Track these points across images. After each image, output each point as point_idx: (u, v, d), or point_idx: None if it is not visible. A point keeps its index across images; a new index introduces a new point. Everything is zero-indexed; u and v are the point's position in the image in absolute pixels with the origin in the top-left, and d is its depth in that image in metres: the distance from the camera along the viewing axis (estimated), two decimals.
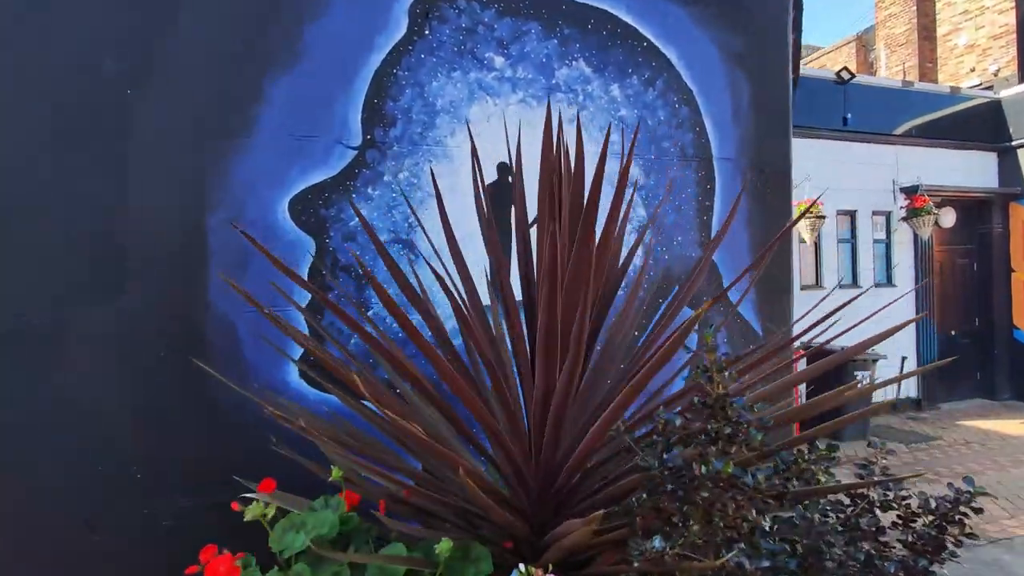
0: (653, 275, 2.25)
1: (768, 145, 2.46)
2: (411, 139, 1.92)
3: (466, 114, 1.99)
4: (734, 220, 2.17)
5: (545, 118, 1.31)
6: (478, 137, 1.95)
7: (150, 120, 1.64)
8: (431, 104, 1.95)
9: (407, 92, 1.92)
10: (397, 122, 1.91)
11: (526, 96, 2.07)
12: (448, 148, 1.96)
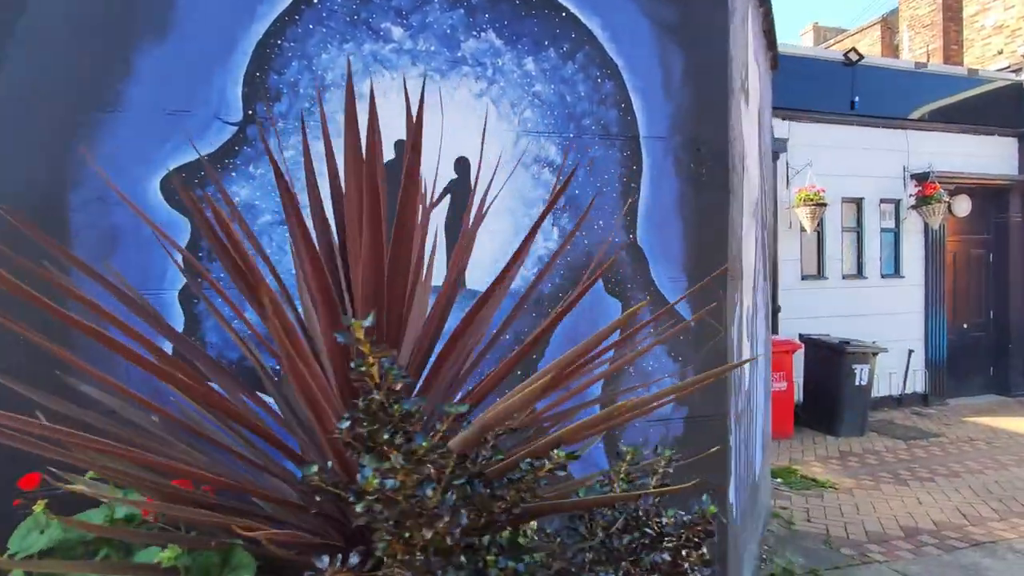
0: (571, 260, 2.12)
1: (705, 122, 2.30)
2: (298, 115, 1.82)
3: (361, 88, 1.88)
4: (665, 204, 2.04)
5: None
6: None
7: (3, 93, 1.57)
8: (318, 76, 1.84)
9: (293, 65, 1.82)
10: (282, 97, 1.81)
11: (428, 70, 1.95)
12: (340, 125, 1.86)
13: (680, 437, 2.26)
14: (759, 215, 3.49)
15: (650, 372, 2.23)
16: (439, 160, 1.93)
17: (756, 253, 3.40)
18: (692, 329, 2.27)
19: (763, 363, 3.74)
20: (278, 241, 1.80)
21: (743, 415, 2.78)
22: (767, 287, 3.92)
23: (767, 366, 4.09)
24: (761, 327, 3.68)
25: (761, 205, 3.72)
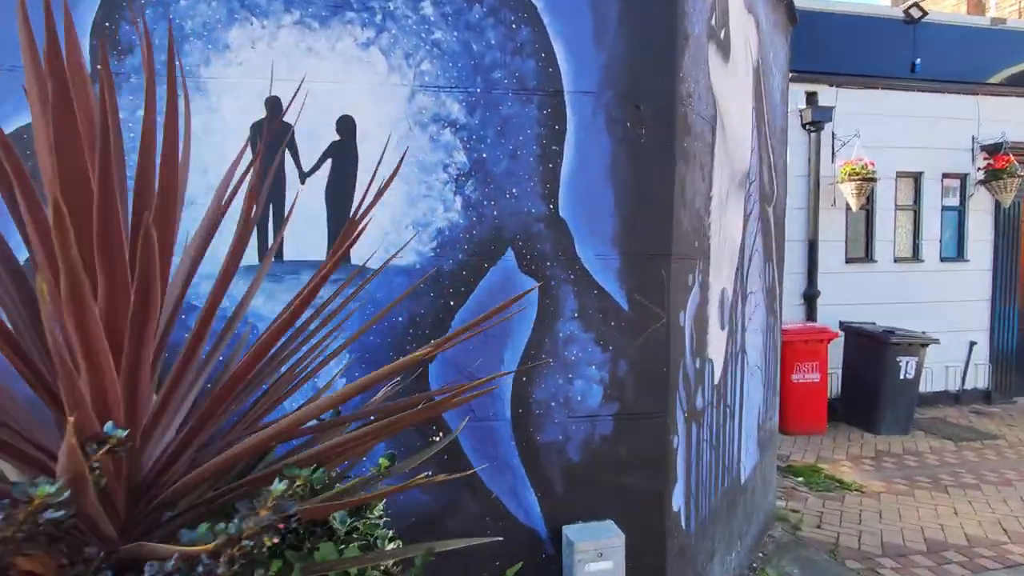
0: (476, 235, 1.87)
1: (646, 75, 1.97)
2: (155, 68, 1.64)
3: (225, 39, 1.68)
4: (593, 170, 1.76)
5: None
6: (240, 66, 1.65)
7: None
8: (179, 27, 1.66)
9: (148, 12, 1.64)
10: (135, 49, 1.64)
11: (304, 16, 1.73)
12: (201, 80, 1.68)
13: (608, 436, 1.99)
14: (754, 190, 3.09)
15: (573, 362, 1.96)
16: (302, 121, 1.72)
17: (748, 231, 3.01)
18: (626, 314, 1.97)
19: (760, 355, 3.36)
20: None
21: (707, 413, 2.45)
22: (770, 271, 3.50)
23: (772, 358, 3.68)
24: (759, 314, 3.29)
25: (765, 180, 3.31)
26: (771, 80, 3.35)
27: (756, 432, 3.36)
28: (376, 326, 1.82)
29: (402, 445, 1.86)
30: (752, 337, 3.16)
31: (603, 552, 1.89)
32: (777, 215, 3.65)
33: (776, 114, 3.53)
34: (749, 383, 3.12)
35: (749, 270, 3.06)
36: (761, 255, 3.33)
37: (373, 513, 1.46)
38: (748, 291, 3.05)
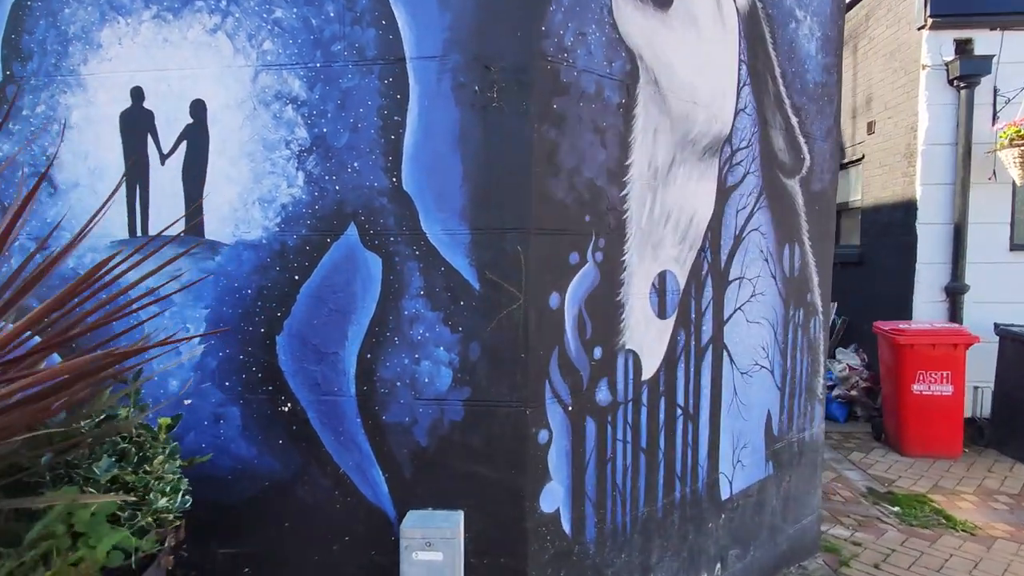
0: (319, 210, 1.88)
1: (498, 34, 1.79)
2: (47, 71, 1.92)
3: (98, 38, 1.90)
4: (439, 140, 1.71)
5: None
6: (110, 62, 1.87)
7: None
8: (64, 32, 1.91)
9: (41, 23, 1.91)
10: (34, 55, 1.93)
11: (160, 11, 1.88)
12: (82, 77, 1.91)
13: (459, 423, 1.89)
14: (748, 157, 2.63)
15: (418, 342, 1.88)
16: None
17: (734, 206, 2.58)
18: (478, 294, 1.84)
19: (767, 353, 2.84)
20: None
21: (624, 409, 2.17)
22: (795, 255, 2.94)
23: (801, 358, 3.09)
24: (761, 305, 2.79)
25: (779, 147, 2.80)
26: (790, 27, 2.81)
27: (763, 443, 2.89)
28: (229, 298, 1.93)
29: (255, 412, 1.96)
30: (745, 330, 2.70)
31: (432, 542, 1.80)
32: (813, 188, 3.06)
33: (808, 67, 2.95)
34: (736, 384, 2.68)
35: (736, 252, 2.62)
36: (773, 236, 2.83)
37: (153, 467, 1.57)
38: (732, 276, 2.62)
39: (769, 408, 2.92)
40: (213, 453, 1.96)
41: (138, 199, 1.93)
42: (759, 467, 2.89)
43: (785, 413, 3.04)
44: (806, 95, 2.95)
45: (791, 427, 3.09)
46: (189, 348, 1.95)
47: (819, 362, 3.26)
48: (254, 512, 1.98)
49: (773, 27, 2.72)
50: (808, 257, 3.09)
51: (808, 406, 3.21)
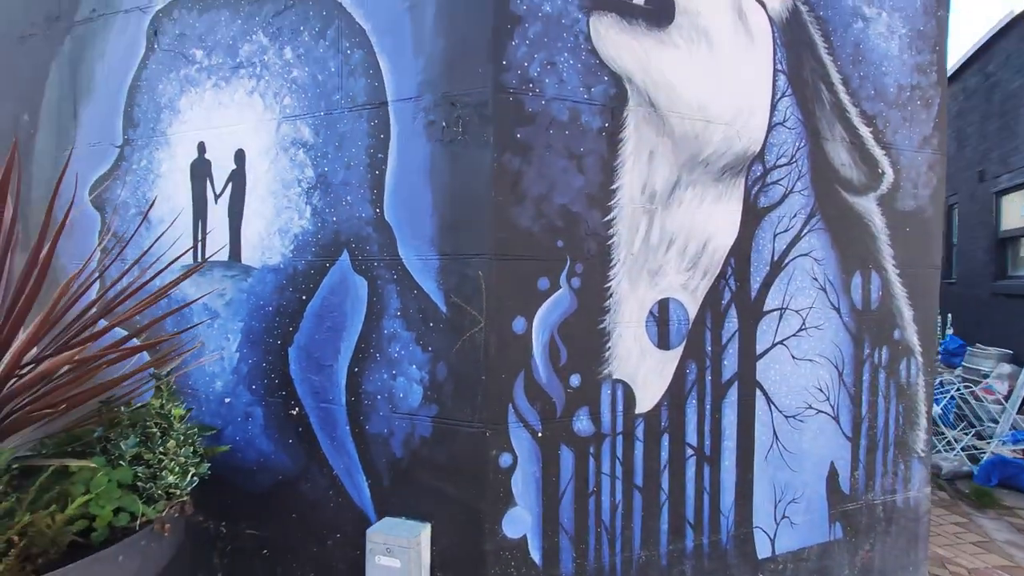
0: (320, 239, 2.15)
1: (462, 72, 1.91)
2: (147, 133, 2.48)
3: (177, 104, 2.41)
4: (413, 173, 1.96)
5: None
6: (185, 123, 2.38)
7: (36, 138, 2.74)
8: (157, 103, 2.45)
9: (144, 97, 2.48)
10: (140, 123, 2.50)
11: (217, 81, 2.32)
12: (168, 136, 2.43)
13: (427, 438, 2.00)
14: (792, 175, 2.37)
15: (395, 359, 2.03)
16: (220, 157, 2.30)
17: (768, 230, 2.34)
18: (444, 316, 1.96)
19: (827, 396, 2.45)
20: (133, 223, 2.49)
21: (611, 442, 2.08)
22: (874, 284, 2.52)
23: (886, 406, 2.58)
24: (818, 341, 2.45)
25: (841, 163, 2.48)
26: (854, 28, 2.48)
27: (825, 501, 2.51)
28: (257, 314, 2.28)
29: (272, 414, 2.26)
30: (790, 368, 2.40)
31: (391, 549, 1.91)
32: (901, 208, 2.63)
33: (886, 69, 2.57)
34: (778, 428, 2.38)
35: (775, 281, 2.37)
36: (834, 262, 2.49)
37: (168, 446, 1.92)
38: (770, 307, 2.36)
39: (833, 460, 2.54)
40: (243, 446, 2.30)
41: (200, 231, 2.38)
42: (819, 528, 2.51)
43: (861, 469, 2.60)
44: (884, 101, 2.57)
45: (871, 487, 2.63)
46: (230, 356, 2.33)
47: (917, 412, 2.74)
48: (271, 501, 2.28)
49: (827, 30, 2.44)
50: (894, 288, 2.64)
51: (900, 464, 2.70)
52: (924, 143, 2.68)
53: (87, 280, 2.07)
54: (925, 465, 2.79)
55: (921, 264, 2.71)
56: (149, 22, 2.45)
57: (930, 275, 2.76)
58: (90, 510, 1.70)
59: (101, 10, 2.56)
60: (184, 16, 2.38)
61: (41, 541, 1.53)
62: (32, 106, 2.74)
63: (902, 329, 2.67)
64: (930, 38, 2.69)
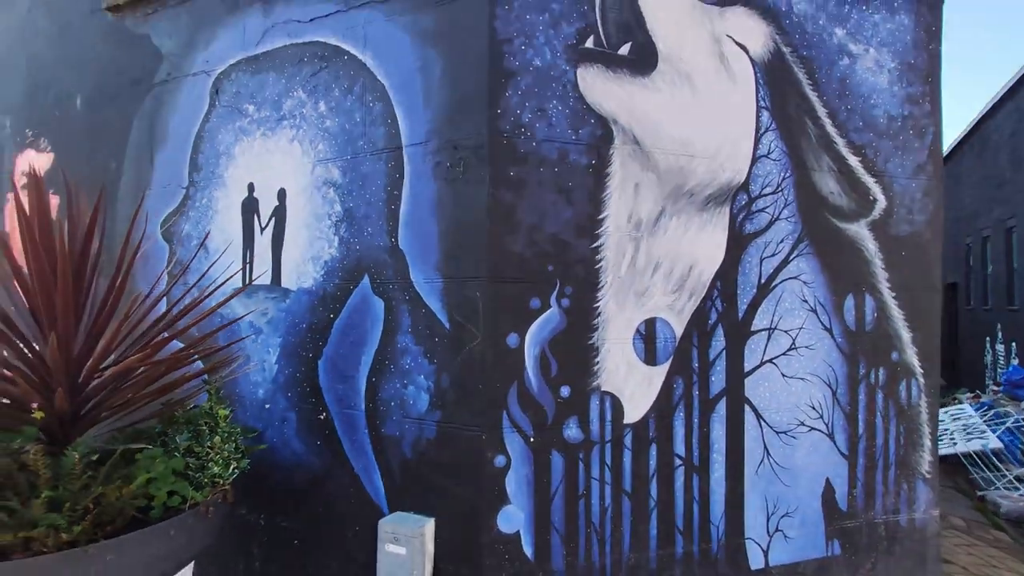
0: (346, 264, 2.47)
1: (463, 120, 2.21)
2: (208, 175, 2.91)
3: (233, 151, 2.82)
4: (423, 207, 2.28)
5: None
6: (238, 167, 2.80)
7: (120, 181, 3.23)
8: (216, 150, 2.88)
9: (207, 145, 2.91)
10: (203, 166, 2.93)
11: (264, 131, 2.72)
12: (224, 178, 2.85)
13: (433, 440, 2.26)
14: (777, 203, 2.53)
15: (406, 370, 2.31)
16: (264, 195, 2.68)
17: (754, 254, 2.50)
18: (448, 332, 2.23)
19: (820, 414, 2.54)
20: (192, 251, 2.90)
21: (601, 450, 2.27)
22: (869, 306, 2.61)
23: (886, 427, 2.63)
24: (810, 360, 2.57)
25: (828, 191, 2.62)
26: (840, 64, 2.64)
27: (821, 516, 2.59)
28: (293, 330, 2.62)
29: (304, 418, 2.58)
30: (780, 385, 2.53)
31: (399, 538, 2.16)
32: (895, 232, 2.73)
33: (875, 102, 2.70)
34: (768, 442, 2.50)
35: (762, 302, 2.51)
36: (824, 285, 2.61)
37: (214, 441, 2.26)
38: (757, 327, 2.50)
39: (828, 477, 2.62)
40: (280, 447, 2.62)
41: (247, 258, 2.76)
42: (814, 543, 2.59)
43: (860, 487, 2.67)
44: (873, 131, 2.70)
45: (871, 505, 2.68)
46: (270, 367, 2.68)
47: (920, 434, 2.77)
48: (302, 496, 2.58)
49: (812, 68, 2.61)
50: (890, 310, 2.72)
51: (904, 485, 2.74)
52: (918, 170, 2.78)
53: (155, 299, 2.46)
54: (932, 487, 2.81)
55: (920, 287, 2.78)
56: (212, 83, 2.90)
57: (930, 298, 2.82)
58: (149, 491, 2.04)
59: (175, 74, 3.04)
60: (240, 77, 2.81)
61: (110, 511, 1.87)
62: (118, 154, 3.25)
63: (900, 351, 2.74)
64: (921, 70, 2.80)
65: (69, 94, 3.56)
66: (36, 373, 2.00)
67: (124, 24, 3.28)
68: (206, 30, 2.94)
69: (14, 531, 1.69)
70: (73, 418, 2.09)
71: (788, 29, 2.57)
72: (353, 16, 2.48)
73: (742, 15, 2.50)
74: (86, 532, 1.80)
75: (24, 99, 3.85)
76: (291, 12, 2.66)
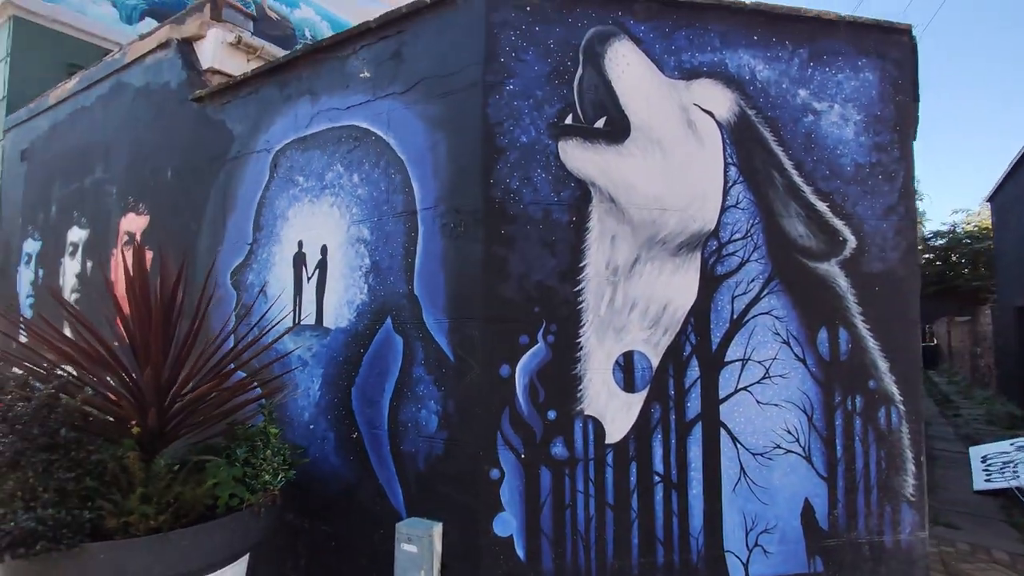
0: (373, 307, 2.97)
1: (463, 190, 2.68)
2: (267, 234, 3.52)
3: (287, 214, 3.42)
4: (433, 260, 2.79)
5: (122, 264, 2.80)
6: (290, 227, 3.40)
7: (198, 240, 3.91)
8: (274, 212, 3.49)
9: (267, 209, 3.54)
10: (264, 226, 3.55)
11: (311, 197, 3.30)
12: (279, 235, 3.45)
13: (441, 456, 2.69)
14: (748, 248, 2.84)
15: (420, 396, 2.76)
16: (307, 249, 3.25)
17: (726, 294, 2.81)
18: (452, 364, 2.67)
19: (796, 436, 2.76)
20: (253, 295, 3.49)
21: (584, 467, 2.61)
22: (845, 338, 2.84)
23: (863, 450, 2.80)
24: (784, 388, 2.82)
25: (797, 234, 2.91)
26: (804, 121, 2.95)
27: (801, 534, 2.81)
28: (332, 363, 3.13)
29: (340, 437, 3.06)
30: (755, 411, 2.79)
31: (411, 538, 2.57)
32: (868, 270, 2.96)
33: (842, 152, 2.98)
34: (745, 463, 2.76)
35: (735, 335, 2.81)
36: (796, 320, 2.88)
37: (266, 454, 2.78)
38: (731, 358, 2.79)
39: (808, 497, 2.83)
40: (321, 461, 3.12)
41: (297, 303, 3.33)
42: (796, 559, 2.80)
43: (841, 508, 2.86)
44: (840, 179, 2.98)
45: (853, 526, 2.86)
46: (313, 393, 3.19)
47: (903, 458, 2.94)
48: (338, 504, 3.05)
49: (776, 126, 2.93)
50: (865, 342, 2.94)
51: (888, 507, 2.91)
52: (889, 211, 3.02)
53: (224, 337, 3.04)
54: (918, 510, 2.95)
55: (896, 319, 2.99)
56: (271, 158, 3.53)
57: (908, 329, 3.02)
58: (215, 492, 2.56)
59: (243, 151, 3.71)
60: (292, 153, 3.43)
61: (186, 507, 2.40)
62: (199, 217, 3.95)
63: (878, 380, 2.94)
64: (888, 120, 3.06)
65: (162, 167, 4.33)
66: (134, 397, 2.58)
67: (206, 111, 4.02)
68: (267, 116, 3.59)
69: (117, 517, 2.23)
70: (160, 433, 2.65)
71: (752, 94, 2.91)
72: (379, 104, 3.03)
73: (707, 85, 2.87)
74: (168, 521, 2.32)
75: (127, 171, 4.68)
76: (332, 102, 3.25)
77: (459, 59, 2.74)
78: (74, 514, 2.15)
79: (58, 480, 2.18)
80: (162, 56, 4.51)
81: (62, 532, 2.11)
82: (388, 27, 3.03)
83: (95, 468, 2.32)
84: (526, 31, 2.70)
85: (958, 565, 4.67)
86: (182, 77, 4.29)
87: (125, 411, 2.49)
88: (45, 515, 2.08)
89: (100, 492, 2.29)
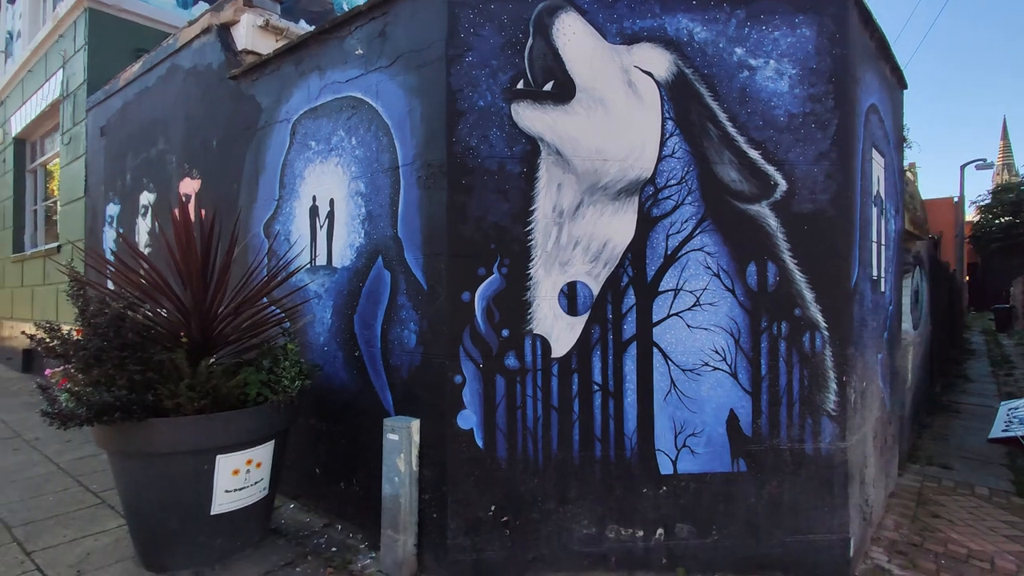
0: (368, 248, 3.60)
1: (432, 148, 3.22)
2: (290, 191, 4.19)
3: (303, 173, 4.07)
4: (411, 207, 3.40)
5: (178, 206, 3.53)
6: (306, 184, 4.07)
7: (239, 198, 4.65)
8: (294, 172, 4.15)
9: (288, 170, 4.20)
10: (287, 184, 4.22)
11: (321, 158, 3.93)
12: (298, 192, 4.12)
13: (418, 366, 3.32)
14: (681, 192, 3.25)
15: (403, 320, 3.39)
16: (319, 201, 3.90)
17: (661, 233, 3.24)
18: (426, 292, 3.27)
19: (724, 356, 3.18)
20: (282, 243, 4.19)
21: (534, 376, 3.17)
22: (771, 272, 3.21)
23: (786, 369, 3.17)
24: (715, 315, 3.25)
25: (730, 180, 3.28)
26: (740, 76, 3.27)
27: (726, 439, 3.28)
28: (339, 295, 3.80)
29: (346, 355, 3.75)
30: (685, 334, 3.24)
31: (394, 429, 3.24)
32: (798, 210, 3.30)
33: (776, 104, 3.29)
34: (675, 378, 3.23)
35: (668, 269, 3.25)
36: (727, 255, 3.28)
37: (285, 365, 3.50)
38: (665, 288, 3.24)
39: (733, 408, 3.28)
40: (332, 376, 3.83)
41: (312, 247, 4.00)
42: (720, 459, 3.28)
43: (764, 418, 3.30)
44: (774, 128, 3.30)
45: (776, 434, 3.30)
46: (326, 320, 3.88)
47: (825, 378, 3.33)
48: (345, 409, 3.76)
49: (712, 83, 3.28)
50: (792, 275, 3.31)
51: (808, 419, 3.32)
52: (821, 157, 3.32)
53: (253, 269, 3.76)
54: (839, 423, 3.34)
55: (825, 255, 3.33)
56: (291, 127, 4.18)
57: (837, 264, 3.35)
58: (245, 390, 3.31)
59: (270, 121, 4.37)
60: (306, 122, 4.06)
61: (221, 397, 3.15)
62: (238, 179, 4.68)
63: (803, 308, 3.32)
64: (824, 73, 3.33)
65: (209, 138, 5.09)
66: (182, 314, 3.34)
67: (240, 87, 4.70)
68: (287, 90, 4.23)
69: (172, 400, 3.00)
70: (204, 342, 3.41)
71: (690, 55, 3.26)
72: (370, 77, 3.59)
73: (647, 48, 3.24)
74: (208, 406, 3.08)
75: (182, 143, 5.49)
76: (335, 76, 3.84)
77: (428, 36, 3.24)
78: (140, 396, 2.93)
79: (129, 372, 2.96)
80: (205, 40, 5.22)
81: (132, 408, 2.89)
82: (375, 9, 3.56)
83: (156, 365, 3.09)
84: (483, 9, 3.16)
85: (934, 497, 4.98)
86: (221, 58, 4.99)
87: (175, 324, 3.25)
88: (120, 395, 2.86)
89: (159, 382, 3.06)
